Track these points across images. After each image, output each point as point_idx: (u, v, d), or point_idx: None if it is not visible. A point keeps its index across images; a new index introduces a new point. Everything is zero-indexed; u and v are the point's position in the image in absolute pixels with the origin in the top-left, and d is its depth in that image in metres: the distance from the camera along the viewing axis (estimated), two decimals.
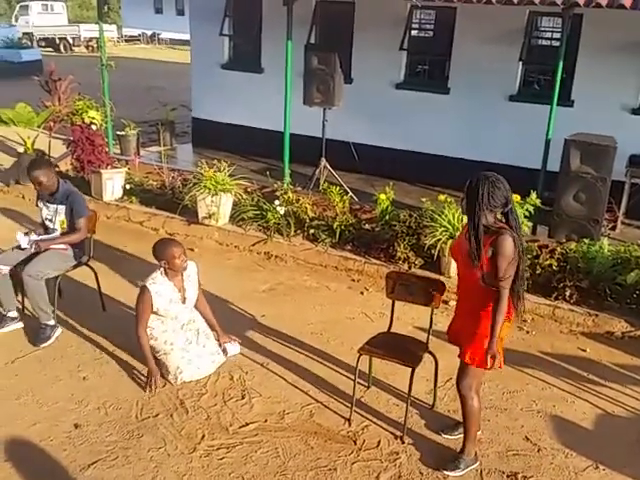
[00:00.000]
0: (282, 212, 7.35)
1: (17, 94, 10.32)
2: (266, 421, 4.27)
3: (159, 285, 4.52)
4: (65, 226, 5.32)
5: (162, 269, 4.55)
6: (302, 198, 7.56)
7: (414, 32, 9.73)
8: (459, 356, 3.78)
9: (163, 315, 4.60)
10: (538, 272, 6.16)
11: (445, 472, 3.86)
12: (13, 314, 5.24)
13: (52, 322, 5.17)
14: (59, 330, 5.22)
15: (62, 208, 5.28)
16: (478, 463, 3.94)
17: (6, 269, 5.12)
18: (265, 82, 10.15)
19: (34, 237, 5.21)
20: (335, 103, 8.31)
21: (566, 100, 8.14)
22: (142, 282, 4.55)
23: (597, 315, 5.82)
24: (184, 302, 4.66)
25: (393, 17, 9.18)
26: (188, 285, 4.68)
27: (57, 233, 5.32)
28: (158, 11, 39.82)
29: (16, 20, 33.73)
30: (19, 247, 5.17)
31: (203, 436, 4.08)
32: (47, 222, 5.36)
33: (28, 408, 4.28)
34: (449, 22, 9.04)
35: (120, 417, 4.23)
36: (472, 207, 3.46)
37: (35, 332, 5.14)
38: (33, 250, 5.13)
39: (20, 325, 5.26)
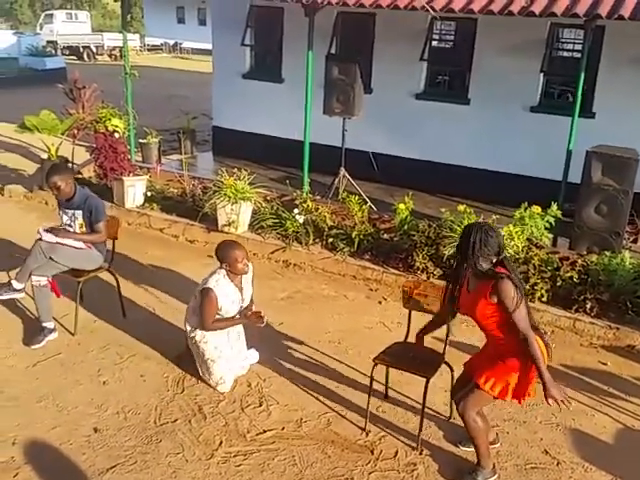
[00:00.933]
0: (301, 221, 7.38)
1: (41, 101, 10.49)
2: (283, 429, 4.28)
3: (223, 287, 4.51)
4: (84, 230, 5.41)
5: (224, 271, 4.56)
6: (321, 207, 7.58)
7: (434, 43, 9.75)
8: (471, 379, 3.74)
9: (223, 315, 4.61)
10: (559, 284, 6.12)
11: None
12: (50, 325, 5.26)
13: (52, 325, 5.25)
14: (55, 334, 5.26)
15: (79, 213, 5.35)
16: (496, 476, 3.91)
17: (44, 280, 5.15)
18: (285, 92, 10.22)
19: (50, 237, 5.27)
20: (355, 113, 8.34)
21: (588, 112, 8.10)
22: (205, 285, 4.49)
23: (618, 328, 5.76)
24: (242, 302, 4.68)
25: (413, 28, 9.21)
26: (245, 285, 4.70)
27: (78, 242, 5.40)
28: (180, 21, 40.32)
29: (41, 28, 34.28)
30: (39, 239, 5.23)
31: (221, 442, 4.10)
32: (67, 227, 5.43)
33: (48, 412, 4.32)
34: (470, 33, 9.05)
35: (139, 422, 4.26)
36: (465, 253, 3.52)
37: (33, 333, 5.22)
38: (55, 241, 5.21)
39: (55, 335, 5.26)
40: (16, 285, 5.22)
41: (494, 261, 3.51)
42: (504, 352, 3.61)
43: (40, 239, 5.25)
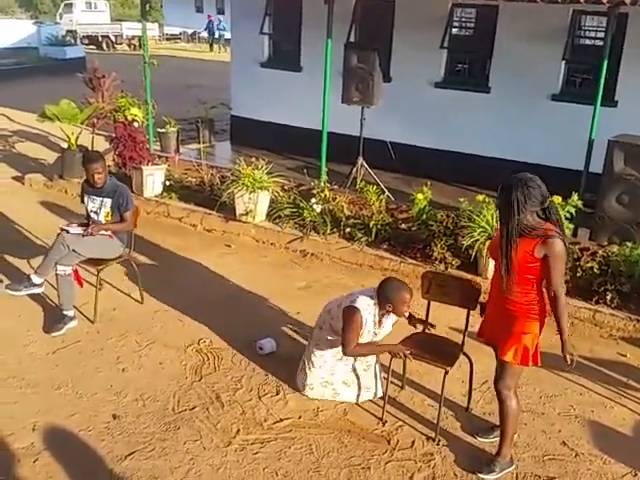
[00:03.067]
0: (318, 210, 7.36)
1: (61, 90, 10.53)
2: (300, 418, 4.29)
3: (368, 314, 4.13)
4: (110, 218, 5.46)
5: (377, 301, 4.15)
6: (339, 196, 7.56)
7: (455, 30, 9.64)
8: (498, 355, 3.75)
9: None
10: (579, 275, 6.06)
11: (480, 475, 3.83)
12: (71, 313, 5.30)
13: (72, 313, 5.30)
14: (74, 322, 5.31)
15: (109, 201, 5.41)
16: (514, 466, 3.90)
17: (69, 269, 5.22)
18: (304, 81, 10.18)
19: (77, 229, 5.34)
20: (374, 102, 8.28)
21: (610, 100, 7.97)
22: (353, 303, 4.10)
23: (638, 320, 5.69)
24: (376, 336, 4.29)
25: (433, 15, 9.11)
26: (386, 319, 4.28)
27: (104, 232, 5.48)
28: (199, 10, 40.24)
29: (60, 18, 34.41)
30: (62, 232, 5.29)
31: (238, 430, 4.12)
32: (92, 214, 5.48)
33: (67, 398, 4.38)
34: (491, 20, 8.93)
35: (157, 409, 4.30)
36: (508, 212, 3.44)
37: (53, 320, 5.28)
38: (85, 233, 5.28)
39: (75, 323, 5.31)
40: (35, 279, 5.27)
41: (540, 210, 3.47)
42: (516, 315, 3.60)
43: (62, 231, 5.30)
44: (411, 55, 9.40)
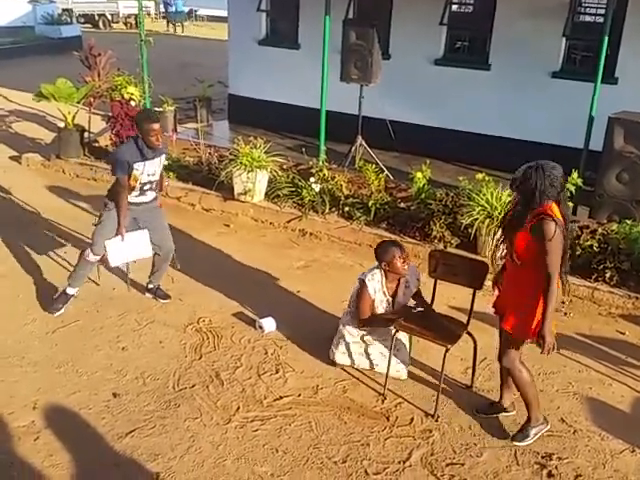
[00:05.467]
0: (317, 189, 7.33)
1: (58, 69, 10.42)
2: (300, 395, 4.31)
3: (375, 282, 4.35)
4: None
5: (382, 270, 4.37)
6: (337, 176, 7.52)
7: (454, 7, 9.56)
8: (501, 325, 3.82)
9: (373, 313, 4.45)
10: (578, 253, 6.05)
11: (515, 443, 3.91)
12: (73, 292, 5.23)
13: (75, 292, 5.26)
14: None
15: (163, 156, 5.16)
16: (549, 426, 3.99)
17: (98, 257, 5.15)
18: (302, 58, 10.09)
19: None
20: (373, 80, 8.22)
21: (610, 77, 7.92)
22: (361, 277, 4.40)
23: (637, 298, 5.69)
24: (392, 306, 4.45)
25: None
26: (402, 291, 4.43)
27: (154, 190, 5.21)
28: None
29: None
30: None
31: (238, 408, 4.14)
32: (149, 177, 5.03)
33: (68, 377, 4.39)
34: None
35: (158, 387, 4.32)
36: (528, 198, 3.50)
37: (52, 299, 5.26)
38: (157, 203, 5.25)
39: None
40: (70, 291, 5.21)
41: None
42: (524, 289, 3.66)
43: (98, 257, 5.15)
44: (410, 32, 9.31)
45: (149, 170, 5.00)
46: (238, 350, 4.81)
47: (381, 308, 4.42)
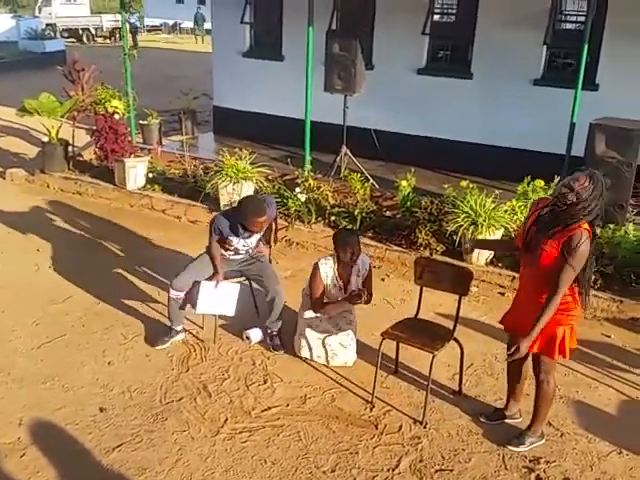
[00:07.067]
0: (303, 199, 7.35)
1: (41, 84, 10.38)
2: (288, 405, 4.30)
3: (327, 267, 4.65)
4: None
5: (336, 257, 4.63)
6: (323, 185, 7.55)
7: (436, 17, 9.64)
8: (529, 349, 3.69)
9: (326, 297, 4.70)
10: None
11: (510, 447, 3.92)
12: (179, 327, 5.05)
13: (180, 327, 5.07)
14: (182, 335, 5.08)
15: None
16: (543, 440, 3.97)
17: (182, 294, 4.91)
18: (286, 70, 10.13)
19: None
20: (356, 90, 8.26)
21: (591, 84, 8.01)
22: (317, 260, 4.72)
23: (622, 301, 5.75)
24: (345, 292, 4.69)
25: (415, 1, 9.10)
26: (355, 278, 4.67)
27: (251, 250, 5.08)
28: (179, 1, 39.89)
29: (39, 12, 33.95)
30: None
31: (226, 420, 4.13)
32: (245, 247, 4.94)
33: (54, 392, 4.35)
34: (472, 6, 8.93)
35: (144, 401, 4.29)
36: (587, 207, 3.39)
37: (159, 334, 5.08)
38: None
39: (182, 336, 5.07)
40: (177, 327, 5.03)
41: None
42: (541, 306, 3.52)
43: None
44: (393, 42, 9.38)
45: (247, 243, 4.92)
46: (226, 361, 4.80)
47: (333, 292, 4.67)
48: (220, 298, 4.83)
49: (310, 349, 4.76)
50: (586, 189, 3.37)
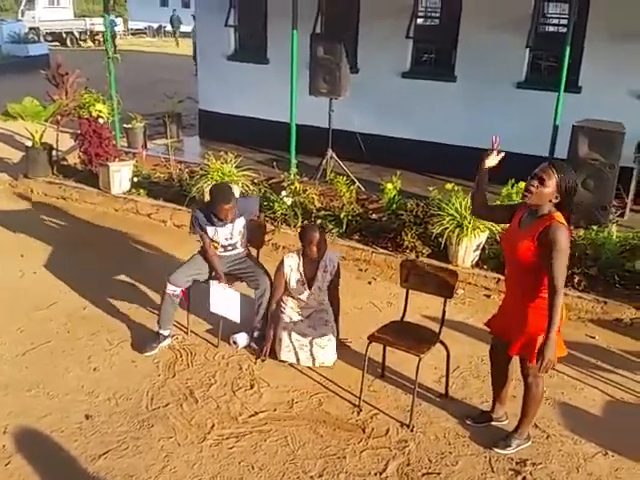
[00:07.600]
0: (289, 203, 7.35)
1: (25, 88, 10.32)
2: (275, 410, 4.30)
3: (292, 261, 4.75)
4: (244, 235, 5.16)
5: (302, 251, 4.72)
6: (309, 189, 7.55)
7: (420, 20, 9.68)
8: (510, 352, 3.75)
9: (290, 291, 4.81)
10: None
11: (496, 449, 3.93)
12: (166, 332, 5.00)
13: (167, 332, 5.03)
14: (169, 340, 5.05)
15: (240, 221, 5.03)
16: (530, 442, 3.99)
17: (178, 290, 4.95)
18: (271, 73, 10.12)
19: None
20: (341, 93, 8.28)
21: (573, 86, 8.07)
22: (285, 255, 4.85)
23: (606, 302, 5.80)
24: (310, 288, 4.76)
25: (399, 5, 9.11)
26: (321, 274, 4.75)
27: (240, 247, 5.15)
28: (164, 4, 39.78)
29: (22, 15, 33.69)
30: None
31: (213, 425, 4.11)
32: (228, 240, 5.03)
33: (39, 400, 4.32)
34: (455, 9, 8.97)
35: (130, 407, 4.27)
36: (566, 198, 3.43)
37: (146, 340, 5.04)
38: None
39: (169, 342, 5.03)
40: (165, 332, 4.99)
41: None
42: (525, 310, 3.53)
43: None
44: (377, 45, 9.40)
45: (224, 234, 4.99)
46: (212, 367, 4.78)
47: (296, 286, 4.76)
48: (227, 302, 4.93)
49: (289, 352, 4.77)
50: (550, 177, 3.42)
